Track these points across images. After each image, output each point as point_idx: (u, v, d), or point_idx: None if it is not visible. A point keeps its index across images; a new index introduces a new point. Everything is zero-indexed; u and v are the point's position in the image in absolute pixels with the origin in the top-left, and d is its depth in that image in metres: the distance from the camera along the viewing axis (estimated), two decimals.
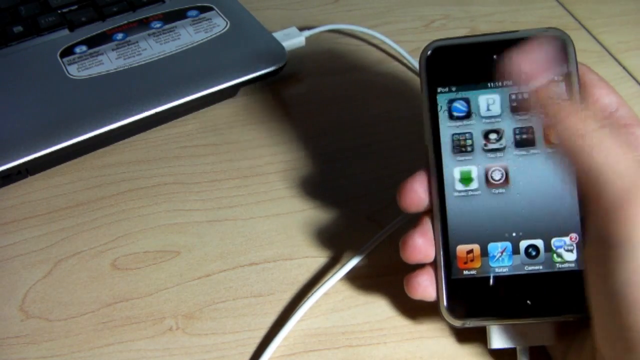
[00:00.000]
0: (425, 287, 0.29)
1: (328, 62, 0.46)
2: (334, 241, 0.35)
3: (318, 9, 0.51)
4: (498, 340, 0.28)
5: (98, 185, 0.38)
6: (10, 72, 0.41)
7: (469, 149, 0.29)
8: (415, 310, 0.32)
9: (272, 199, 0.37)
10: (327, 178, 0.38)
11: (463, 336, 0.31)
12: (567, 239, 0.28)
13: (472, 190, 0.29)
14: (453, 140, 0.29)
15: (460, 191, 0.29)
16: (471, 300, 0.28)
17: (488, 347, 0.29)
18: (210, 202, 0.37)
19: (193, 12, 0.45)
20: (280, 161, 0.39)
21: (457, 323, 0.28)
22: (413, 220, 0.30)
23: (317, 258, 0.34)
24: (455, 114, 0.29)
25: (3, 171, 0.36)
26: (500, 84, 0.29)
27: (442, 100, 0.29)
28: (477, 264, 0.28)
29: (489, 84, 0.29)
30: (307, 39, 0.45)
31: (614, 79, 0.45)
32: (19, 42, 0.43)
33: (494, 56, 0.29)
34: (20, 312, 0.32)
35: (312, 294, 0.32)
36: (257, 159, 0.39)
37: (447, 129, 0.29)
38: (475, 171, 0.29)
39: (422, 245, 0.29)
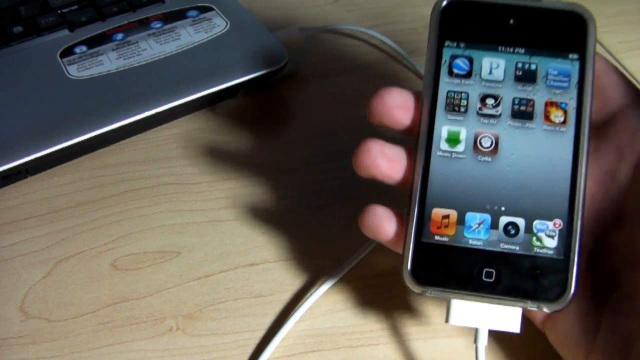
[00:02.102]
0: (380, 217, 0.27)
1: (328, 62, 0.46)
2: (334, 241, 0.35)
3: (318, 9, 0.51)
4: (458, 316, 0.26)
5: (98, 186, 0.38)
6: (10, 72, 0.41)
7: (462, 109, 0.28)
8: (415, 310, 0.32)
9: (272, 199, 0.37)
10: (327, 178, 0.38)
11: (463, 336, 0.31)
12: (550, 224, 0.26)
13: (457, 152, 0.27)
14: (447, 97, 0.28)
15: (445, 151, 0.27)
16: (437, 269, 0.26)
17: (445, 321, 0.27)
18: (210, 202, 0.37)
19: (193, 12, 0.45)
20: (280, 161, 0.39)
21: (417, 290, 0.26)
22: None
23: (317, 258, 0.34)
24: (455, 70, 0.28)
25: (3, 171, 0.36)
26: (510, 49, 0.28)
27: (446, 54, 0.28)
28: (451, 232, 0.27)
29: (498, 48, 0.28)
30: (307, 39, 0.45)
31: None
32: (19, 42, 0.43)
33: (510, 20, 0.28)
34: (20, 313, 0.32)
35: (312, 294, 0.32)
36: (257, 158, 0.39)
37: (445, 85, 0.28)
38: (464, 133, 0.28)
39: (386, 154, 0.27)
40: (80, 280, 0.33)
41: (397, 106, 0.28)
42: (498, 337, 0.30)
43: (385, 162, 0.28)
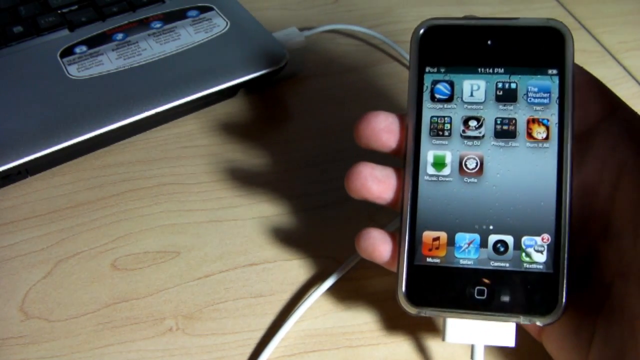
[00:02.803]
0: (375, 240, 0.28)
1: (328, 63, 0.46)
2: (334, 241, 0.35)
3: (318, 9, 0.51)
4: (453, 334, 0.27)
5: (98, 186, 0.38)
6: (10, 72, 0.41)
7: (446, 133, 0.28)
8: None
9: (272, 198, 0.37)
10: (327, 178, 0.38)
11: None
12: (538, 239, 0.27)
13: (443, 175, 0.28)
14: (431, 123, 0.28)
15: (431, 175, 0.28)
16: (430, 289, 0.27)
17: (442, 340, 0.27)
18: (210, 202, 0.37)
19: (193, 12, 0.45)
20: (280, 161, 0.39)
21: (413, 311, 0.27)
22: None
23: (317, 258, 0.34)
24: (437, 95, 0.29)
25: (3, 171, 0.36)
26: (489, 70, 0.28)
27: (427, 80, 0.29)
28: (442, 253, 0.27)
29: (478, 69, 0.28)
30: (307, 39, 0.45)
31: (614, 79, 0.45)
32: (19, 42, 0.43)
33: (488, 41, 0.28)
34: (20, 313, 0.32)
35: (312, 294, 0.32)
36: (257, 159, 0.39)
37: (428, 111, 0.28)
38: (449, 156, 0.28)
39: (376, 177, 0.28)
40: (80, 280, 0.33)
41: (383, 129, 0.29)
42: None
43: (376, 184, 0.29)
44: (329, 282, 0.32)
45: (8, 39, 0.43)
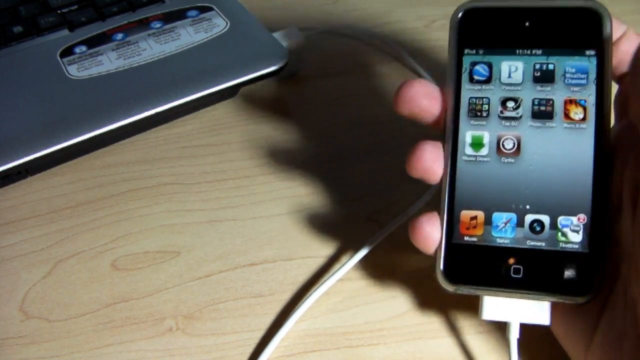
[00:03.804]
0: (428, 233, 0.28)
1: (328, 62, 0.46)
2: (334, 241, 0.35)
3: (318, 9, 0.51)
4: (490, 311, 0.28)
5: (98, 186, 0.38)
6: (10, 72, 0.41)
7: (484, 114, 0.29)
8: (415, 310, 0.32)
9: (272, 199, 0.37)
10: (327, 178, 0.38)
11: (463, 335, 0.31)
12: (574, 219, 0.27)
13: (481, 156, 0.28)
14: (469, 104, 0.29)
15: (469, 155, 0.28)
16: (468, 267, 0.28)
17: (479, 317, 0.28)
18: (210, 202, 0.37)
19: (193, 12, 0.45)
20: (280, 161, 0.39)
21: (451, 288, 0.28)
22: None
23: (317, 258, 0.34)
24: (475, 77, 0.29)
25: (3, 171, 0.36)
26: (527, 51, 0.29)
27: (466, 61, 0.29)
28: (480, 232, 0.28)
29: (516, 51, 0.29)
30: (307, 39, 0.45)
31: None
32: (19, 42, 0.43)
33: (526, 23, 0.29)
34: (20, 313, 0.32)
35: (312, 294, 0.32)
36: (257, 159, 0.39)
37: (466, 92, 0.29)
38: (487, 137, 0.28)
39: (429, 157, 0.28)
40: (80, 280, 0.33)
41: (424, 95, 0.29)
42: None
43: (426, 100, 0.29)
44: (329, 282, 0.32)
45: (8, 39, 0.43)
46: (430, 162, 0.28)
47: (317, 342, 0.31)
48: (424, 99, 0.29)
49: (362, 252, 0.33)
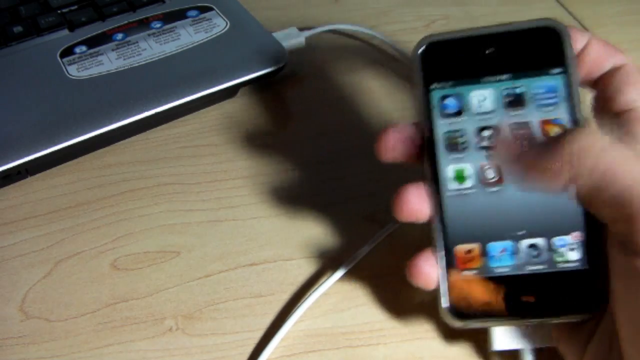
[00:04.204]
0: (427, 273, 0.28)
1: (328, 63, 0.46)
2: (334, 241, 0.35)
3: (318, 9, 0.51)
4: (501, 341, 0.28)
5: (98, 186, 0.38)
6: (10, 72, 0.41)
7: (462, 146, 0.28)
8: (415, 310, 0.32)
9: (272, 199, 0.37)
10: (326, 178, 0.38)
11: (463, 336, 0.31)
12: (569, 238, 0.27)
13: (466, 188, 0.28)
14: (446, 138, 0.28)
15: (454, 190, 0.28)
16: (472, 301, 0.27)
17: (490, 349, 0.28)
18: (210, 202, 0.37)
19: (193, 12, 0.45)
20: (280, 161, 0.39)
21: (458, 324, 0.27)
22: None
23: (317, 258, 0.34)
24: (447, 110, 0.29)
25: (3, 171, 0.36)
26: (493, 78, 0.28)
27: (435, 96, 0.29)
28: (477, 264, 0.27)
29: (482, 79, 0.28)
30: (307, 39, 0.45)
31: None
32: (19, 42, 0.43)
33: (487, 50, 0.28)
34: (20, 313, 0.32)
35: (312, 294, 0.32)
36: (257, 159, 0.39)
37: (440, 127, 0.28)
38: (469, 169, 0.28)
39: (415, 200, 0.28)
40: (80, 280, 0.33)
41: (403, 140, 0.29)
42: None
43: (404, 144, 0.29)
44: (329, 282, 0.32)
45: (8, 39, 0.43)
46: (417, 204, 0.28)
47: (317, 342, 0.31)
48: (403, 145, 0.29)
49: (362, 252, 0.33)
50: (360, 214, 0.36)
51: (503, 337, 0.28)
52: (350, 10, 0.51)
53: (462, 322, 0.27)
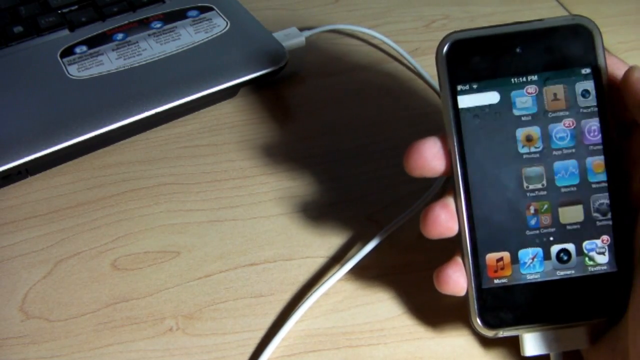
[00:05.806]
0: (456, 280, 0.27)
1: (328, 63, 0.46)
2: (334, 241, 0.35)
3: (318, 9, 0.51)
4: (532, 347, 0.28)
5: (98, 186, 0.38)
6: (10, 72, 0.41)
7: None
8: (415, 310, 0.32)
9: (272, 199, 0.37)
10: (327, 178, 0.38)
11: (462, 336, 0.31)
12: (598, 242, 0.27)
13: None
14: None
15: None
16: (503, 310, 0.27)
17: (522, 354, 0.28)
18: (210, 202, 0.37)
19: (193, 12, 0.45)
20: (280, 162, 0.39)
21: (490, 333, 0.27)
22: (415, 219, 0.30)
23: (317, 258, 0.34)
24: (477, 114, 0.27)
25: (3, 171, 0.36)
26: (522, 79, 0.27)
27: (463, 100, 0.27)
28: (508, 272, 0.27)
29: (512, 80, 0.27)
30: (307, 39, 0.45)
31: None
32: (19, 42, 0.43)
33: (517, 49, 0.27)
34: (20, 313, 0.32)
35: (312, 294, 0.32)
36: (257, 159, 0.39)
37: (470, 132, 0.27)
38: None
39: (444, 217, 0.27)
40: (80, 280, 0.33)
41: (434, 156, 0.27)
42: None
43: (436, 160, 0.27)
44: (329, 282, 0.32)
45: (8, 39, 0.43)
46: (446, 221, 0.27)
47: (317, 342, 0.31)
48: (434, 161, 0.27)
49: (362, 252, 0.33)
50: (361, 213, 0.36)
51: (534, 342, 0.28)
52: (350, 10, 0.51)
53: (494, 331, 0.27)
